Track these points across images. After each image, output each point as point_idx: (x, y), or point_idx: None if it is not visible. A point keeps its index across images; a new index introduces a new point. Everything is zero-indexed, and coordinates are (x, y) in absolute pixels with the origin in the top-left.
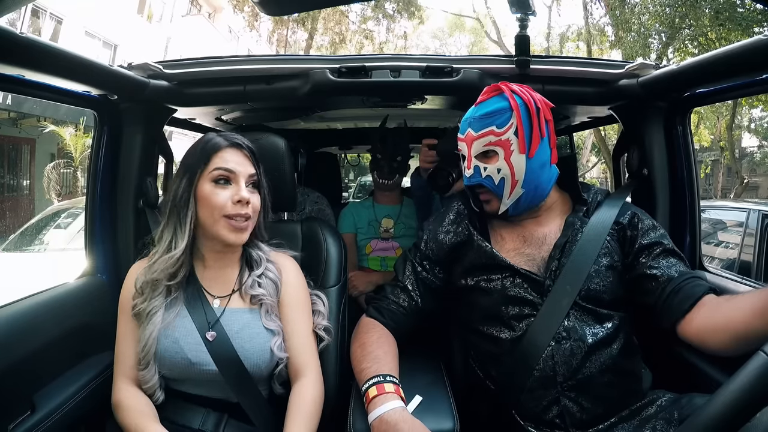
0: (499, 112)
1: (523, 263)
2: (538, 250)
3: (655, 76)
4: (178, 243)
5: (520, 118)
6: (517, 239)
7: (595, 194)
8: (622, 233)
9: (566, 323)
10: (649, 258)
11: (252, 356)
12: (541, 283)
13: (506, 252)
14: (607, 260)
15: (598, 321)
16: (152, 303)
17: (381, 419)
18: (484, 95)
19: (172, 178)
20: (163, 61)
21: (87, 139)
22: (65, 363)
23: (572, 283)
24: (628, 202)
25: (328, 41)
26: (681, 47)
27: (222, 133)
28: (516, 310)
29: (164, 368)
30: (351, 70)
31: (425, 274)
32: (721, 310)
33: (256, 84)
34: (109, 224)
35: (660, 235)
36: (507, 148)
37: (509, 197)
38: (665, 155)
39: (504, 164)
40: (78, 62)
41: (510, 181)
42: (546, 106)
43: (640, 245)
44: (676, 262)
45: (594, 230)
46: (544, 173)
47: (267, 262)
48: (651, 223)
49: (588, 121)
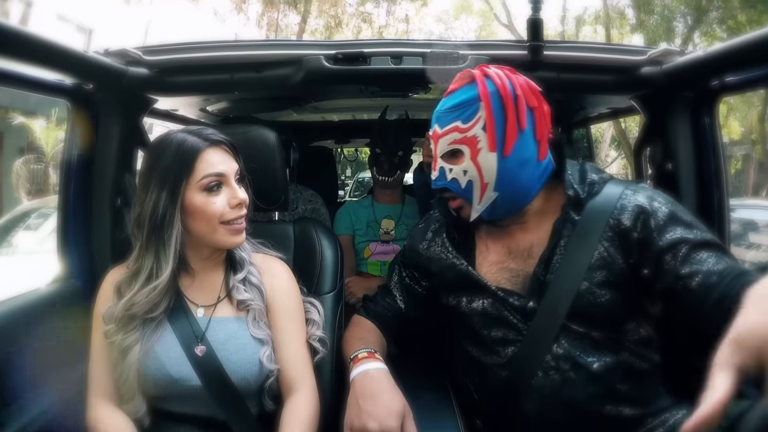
0: (466, 104)
1: (505, 280)
2: (523, 263)
3: (680, 63)
4: (161, 270)
5: (490, 110)
6: (501, 250)
7: (591, 185)
8: (625, 237)
9: (556, 350)
10: (677, 260)
11: (239, 369)
12: (523, 305)
13: (488, 266)
14: (602, 274)
15: (594, 346)
16: (129, 338)
17: (366, 373)
18: (455, 83)
19: (138, 192)
20: (142, 47)
21: (60, 132)
22: (35, 376)
23: (559, 303)
24: (634, 185)
25: (322, 25)
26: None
27: (192, 131)
28: (499, 334)
29: (144, 385)
30: (348, 56)
31: (408, 281)
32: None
33: (244, 72)
34: (84, 225)
35: (683, 225)
36: (473, 146)
37: (480, 202)
38: (691, 149)
39: (470, 165)
40: (49, 48)
41: (478, 184)
42: (531, 91)
43: (659, 248)
44: (714, 255)
45: (583, 236)
46: (526, 172)
47: (249, 265)
48: (667, 211)
49: (607, 113)
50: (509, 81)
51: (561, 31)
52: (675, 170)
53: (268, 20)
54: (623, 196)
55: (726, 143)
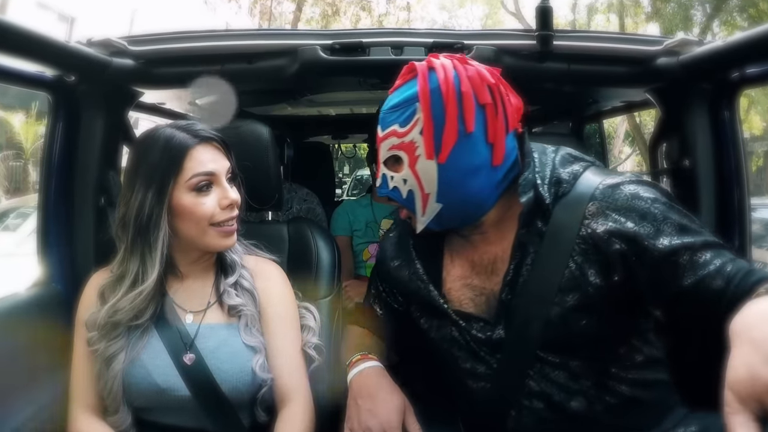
0: (404, 105)
1: (468, 300)
2: (486, 280)
3: (699, 54)
4: (147, 274)
5: (428, 111)
6: (465, 264)
7: (556, 185)
8: (602, 249)
9: (531, 384)
10: (677, 271)
11: (231, 378)
12: (489, 335)
13: (452, 282)
14: (575, 297)
15: (573, 377)
16: (113, 346)
17: (361, 373)
18: (399, 79)
19: (123, 192)
20: (128, 37)
21: (40, 126)
22: (12, 387)
23: (529, 332)
24: (613, 178)
25: (319, 13)
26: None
27: (180, 126)
28: (467, 365)
29: (129, 396)
30: (346, 47)
31: (385, 295)
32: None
33: (235, 63)
34: (66, 225)
35: (678, 228)
36: (411, 152)
37: (423, 214)
38: (710, 145)
39: (409, 173)
40: (29, 37)
41: (419, 195)
42: (484, 84)
43: (653, 259)
44: (718, 256)
45: (551, 251)
46: (476, 181)
47: (241, 268)
48: (658, 214)
49: (620, 106)
50: (456, 75)
51: (572, 20)
52: (693, 167)
53: (261, 8)
54: (597, 196)
55: (747, 139)
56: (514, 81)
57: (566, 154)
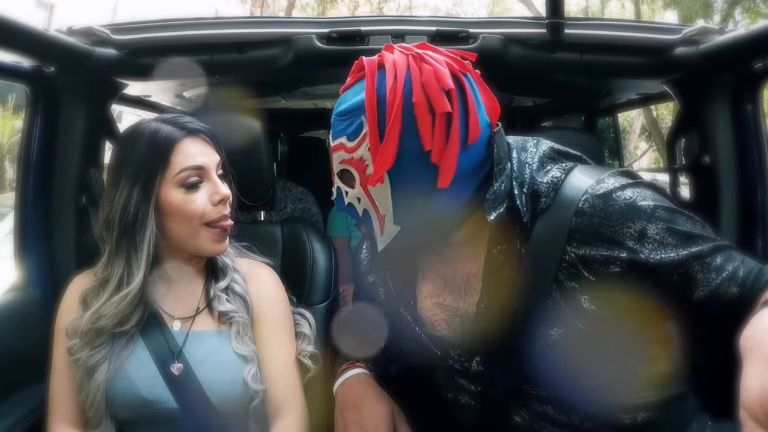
0: (351, 115)
1: (442, 322)
2: (460, 300)
3: (720, 43)
4: (132, 276)
5: (374, 126)
6: (437, 279)
7: (534, 198)
8: (598, 272)
9: (516, 419)
10: (688, 283)
11: (221, 390)
12: (467, 366)
13: (424, 299)
14: (559, 332)
15: (563, 411)
16: (95, 355)
17: (344, 383)
18: (350, 76)
19: (107, 190)
20: (110, 25)
21: (17, 120)
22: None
23: (510, 366)
24: (606, 182)
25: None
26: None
27: (167, 120)
28: (450, 395)
29: (113, 409)
30: (343, 35)
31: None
32: None
33: (225, 53)
34: (45, 226)
35: (685, 238)
36: (361, 171)
37: (382, 234)
38: (732, 140)
39: (362, 192)
40: (5, 25)
41: (375, 216)
42: (438, 90)
43: (661, 276)
44: (729, 259)
45: (531, 276)
46: (432, 204)
47: (233, 272)
48: (662, 227)
49: (636, 99)
50: (409, 77)
51: (584, 7)
52: (713, 164)
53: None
54: (585, 211)
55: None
56: (523, 72)
57: (545, 153)
